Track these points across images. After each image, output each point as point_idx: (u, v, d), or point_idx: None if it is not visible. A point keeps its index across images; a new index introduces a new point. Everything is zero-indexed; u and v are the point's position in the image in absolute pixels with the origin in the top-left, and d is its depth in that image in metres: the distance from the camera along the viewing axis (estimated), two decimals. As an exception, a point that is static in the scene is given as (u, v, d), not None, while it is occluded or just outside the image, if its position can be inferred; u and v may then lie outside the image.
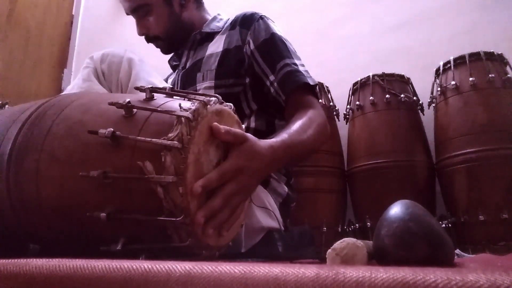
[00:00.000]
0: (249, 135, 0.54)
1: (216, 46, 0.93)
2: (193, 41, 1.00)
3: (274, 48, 0.86)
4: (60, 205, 0.44)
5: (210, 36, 0.98)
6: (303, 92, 0.82)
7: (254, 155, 0.53)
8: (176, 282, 0.24)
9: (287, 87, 0.82)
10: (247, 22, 0.91)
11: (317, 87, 0.86)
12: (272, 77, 0.84)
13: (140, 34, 0.99)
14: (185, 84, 0.93)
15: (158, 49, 1.05)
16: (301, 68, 0.84)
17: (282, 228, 0.81)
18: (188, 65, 0.97)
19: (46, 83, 2.32)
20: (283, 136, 0.65)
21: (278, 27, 0.91)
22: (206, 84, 0.87)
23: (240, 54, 0.88)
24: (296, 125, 0.71)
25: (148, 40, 1.01)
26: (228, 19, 1.01)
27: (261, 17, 0.91)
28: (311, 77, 0.84)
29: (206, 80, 0.88)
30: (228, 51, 0.90)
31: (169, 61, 1.10)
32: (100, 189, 0.41)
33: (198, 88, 0.88)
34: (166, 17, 0.96)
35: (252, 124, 0.87)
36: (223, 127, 0.48)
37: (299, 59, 0.87)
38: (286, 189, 0.89)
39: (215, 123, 0.47)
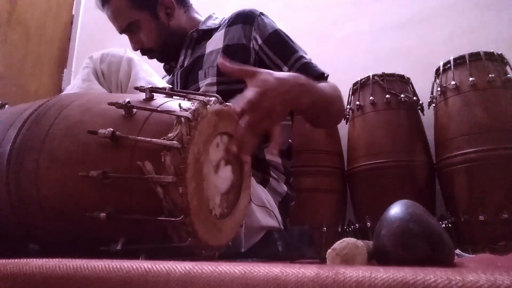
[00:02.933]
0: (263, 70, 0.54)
1: (215, 43, 0.93)
2: (190, 40, 1.01)
3: (283, 42, 0.89)
4: (59, 205, 0.44)
5: (207, 34, 0.98)
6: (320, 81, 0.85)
7: (272, 80, 0.52)
8: (176, 282, 0.24)
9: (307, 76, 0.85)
10: (248, 19, 0.92)
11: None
12: (285, 69, 0.86)
13: (135, 49, 1.01)
14: (186, 82, 0.93)
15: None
16: (313, 61, 0.87)
17: (282, 227, 0.81)
18: (186, 63, 0.98)
19: (46, 83, 2.31)
20: None
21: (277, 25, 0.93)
22: (208, 81, 0.87)
23: (245, 51, 0.88)
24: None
25: (143, 53, 1.03)
26: (224, 17, 1.01)
27: (261, 13, 0.93)
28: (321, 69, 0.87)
29: (208, 77, 0.88)
30: (229, 47, 0.90)
31: (163, 66, 1.11)
32: (100, 189, 0.41)
33: (200, 85, 0.89)
34: (155, 30, 0.99)
35: None
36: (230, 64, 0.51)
37: (306, 53, 0.90)
38: (285, 188, 0.89)
39: (220, 59, 0.49)
